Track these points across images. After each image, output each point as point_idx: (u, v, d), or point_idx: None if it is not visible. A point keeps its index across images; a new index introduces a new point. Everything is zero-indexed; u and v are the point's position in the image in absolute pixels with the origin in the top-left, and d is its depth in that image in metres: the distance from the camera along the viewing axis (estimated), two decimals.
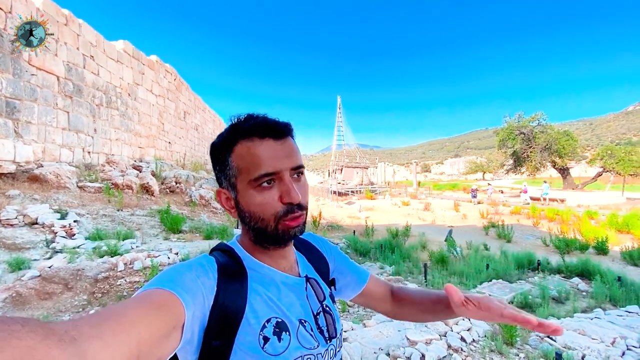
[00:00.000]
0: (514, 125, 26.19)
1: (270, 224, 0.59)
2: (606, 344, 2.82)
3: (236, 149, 0.59)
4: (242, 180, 0.59)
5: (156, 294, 0.46)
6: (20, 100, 6.65)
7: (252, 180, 0.57)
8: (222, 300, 0.55)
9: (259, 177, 0.57)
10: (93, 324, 0.36)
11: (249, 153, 0.58)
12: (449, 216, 14.84)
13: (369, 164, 35.82)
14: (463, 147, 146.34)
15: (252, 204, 0.59)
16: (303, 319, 0.63)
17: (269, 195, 0.58)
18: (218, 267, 0.59)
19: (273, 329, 0.57)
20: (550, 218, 12.95)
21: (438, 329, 3.15)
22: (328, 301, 0.70)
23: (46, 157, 7.36)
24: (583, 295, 4.63)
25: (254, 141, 0.58)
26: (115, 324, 0.37)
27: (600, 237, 7.72)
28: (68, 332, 0.33)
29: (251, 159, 0.57)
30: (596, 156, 23.68)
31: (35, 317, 3.39)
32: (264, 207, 0.58)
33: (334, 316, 0.69)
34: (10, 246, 4.73)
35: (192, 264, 0.57)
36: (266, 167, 0.57)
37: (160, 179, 9.85)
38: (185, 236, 6.34)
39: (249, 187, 0.58)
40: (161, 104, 13.51)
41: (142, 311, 0.42)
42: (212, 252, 0.66)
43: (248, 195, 0.59)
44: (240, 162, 0.58)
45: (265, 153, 0.57)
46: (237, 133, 0.59)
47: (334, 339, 0.67)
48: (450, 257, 6.50)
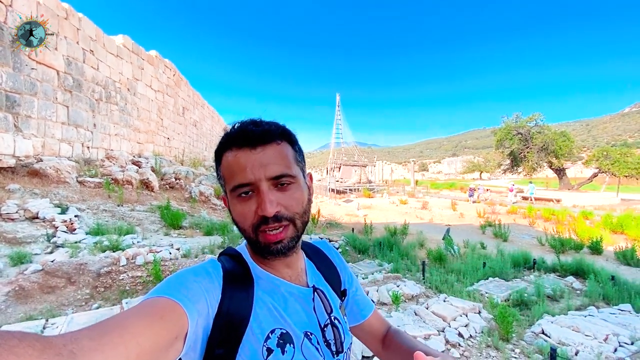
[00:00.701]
0: (511, 126, 26.33)
1: (250, 234, 0.58)
2: (599, 341, 2.91)
3: (223, 158, 0.59)
4: (228, 189, 0.59)
5: (159, 303, 0.46)
6: (20, 94, 6.63)
7: (232, 189, 0.58)
8: (227, 307, 0.54)
9: (234, 188, 0.57)
10: (93, 336, 0.35)
11: (228, 164, 0.58)
12: (447, 215, 14.94)
13: (367, 162, 35.89)
14: (461, 146, 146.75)
15: (234, 213, 0.59)
16: (309, 331, 0.61)
17: (246, 206, 0.57)
18: (224, 273, 0.58)
19: (277, 341, 0.56)
20: (546, 218, 13.09)
21: (437, 325, 3.22)
22: (337, 313, 0.68)
23: (46, 152, 7.34)
24: (577, 293, 4.72)
25: (233, 151, 0.58)
26: (117, 336, 0.37)
27: (594, 237, 7.84)
28: (66, 346, 0.32)
29: (230, 169, 0.58)
30: (592, 157, 23.88)
31: (38, 310, 3.43)
32: (243, 218, 0.58)
33: (343, 329, 0.67)
34: (11, 240, 4.75)
35: (198, 270, 0.56)
36: (239, 178, 0.56)
37: (159, 174, 9.86)
38: (185, 232, 6.37)
39: (232, 196, 0.59)
40: (160, 100, 13.48)
41: (144, 322, 0.41)
42: (220, 256, 0.65)
43: (232, 204, 0.59)
44: (225, 171, 0.59)
45: (241, 163, 0.56)
46: (223, 142, 0.59)
47: (341, 353, 0.64)
48: (447, 255, 6.58)
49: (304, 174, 0.64)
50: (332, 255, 0.78)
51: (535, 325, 3.36)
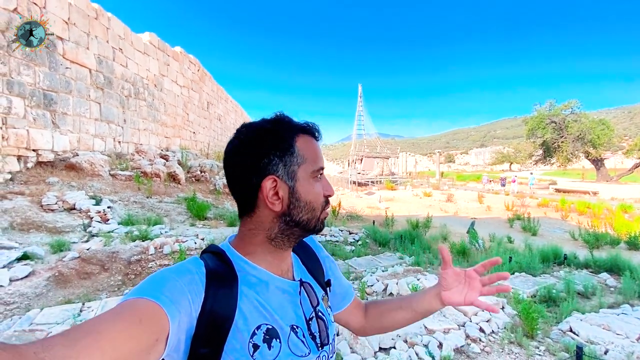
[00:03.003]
0: (544, 114, 25.02)
1: (317, 213, 0.63)
2: (631, 340, 2.75)
3: (299, 139, 0.62)
4: (305, 169, 0.61)
5: (139, 304, 0.45)
6: (57, 93, 7.04)
7: (314, 170, 0.62)
8: (210, 306, 0.53)
9: (319, 168, 0.63)
10: (67, 343, 0.34)
11: (310, 146, 0.63)
12: (473, 208, 14.51)
13: (389, 153, 35.35)
14: (489, 136, 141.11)
15: (311, 192, 0.62)
16: (295, 324, 0.62)
17: (319, 187, 0.63)
18: (207, 271, 0.57)
19: (263, 336, 0.56)
20: (580, 211, 12.42)
21: (457, 319, 3.17)
22: (321, 306, 0.69)
23: (81, 147, 7.79)
24: (611, 290, 4.47)
25: (307, 137, 0.63)
26: (92, 342, 0.36)
27: (633, 231, 7.36)
28: (37, 354, 0.31)
29: (313, 151, 0.63)
30: (634, 147, 22.35)
31: (75, 294, 3.68)
32: (318, 197, 0.62)
33: (327, 322, 0.68)
34: (51, 229, 5.10)
35: (179, 269, 0.55)
36: (321, 162, 0.63)
37: (186, 167, 10.21)
38: (210, 223, 6.59)
39: (310, 176, 0.62)
40: (185, 95, 13.86)
41: (122, 326, 0.40)
42: (203, 254, 0.64)
43: (309, 185, 0.61)
44: (306, 152, 0.62)
45: (318, 150, 0.64)
46: (298, 127, 0.64)
47: (326, 345, 0.66)
48: (471, 249, 6.41)
49: None
50: (316, 248, 0.80)
51: (562, 323, 3.22)
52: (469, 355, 2.70)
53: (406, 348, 2.67)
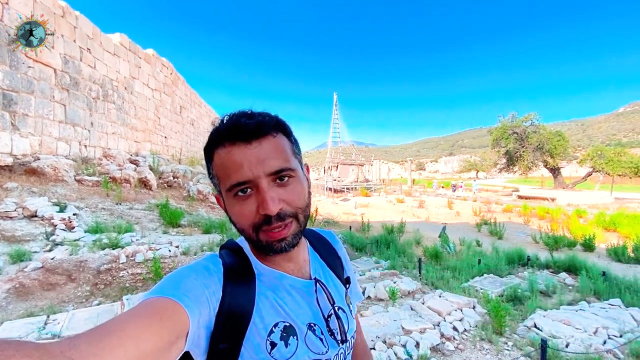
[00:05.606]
0: (507, 125, 26.56)
1: (250, 234, 0.56)
2: (589, 333, 3.00)
3: (214, 155, 0.56)
4: (223, 188, 0.56)
5: (159, 303, 0.45)
6: (17, 93, 6.62)
7: (226, 190, 0.55)
8: (229, 303, 0.53)
9: (231, 187, 0.54)
10: (91, 341, 0.35)
11: (222, 161, 0.55)
12: (443, 213, 15.06)
13: (364, 161, 35.98)
14: (457, 145, 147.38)
15: (232, 213, 0.56)
16: (312, 322, 0.61)
17: (245, 205, 0.54)
18: (224, 268, 0.57)
19: (280, 334, 0.56)
20: (540, 216, 13.26)
21: (432, 319, 3.30)
22: (341, 302, 0.67)
23: (43, 150, 7.33)
24: (569, 289, 4.83)
25: (226, 147, 0.54)
26: (115, 339, 0.37)
27: (587, 234, 7.98)
28: (64, 353, 0.32)
29: (224, 167, 0.54)
30: (586, 156, 24.19)
31: (39, 307, 3.46)
32: (241, 218, 0.55)
33: (347, 318, 0.67)
34: (9, 238, 4.76)
35: (197, 267, 0.55)
36: (236, 177, 0.53)
37: (157, 173, 9.87)
38: (184, 230, 6.41)
39: (228, 195, 0.55)
40: (157, 98, 13.45)
41: (143, 323, 0.41)
42: (221, 249, 0.63)
43: (229, 204, 0.56)
44: (218, 170, 0.55)
45: (236, 160, 0.53)
46: (214, 138, 0.56)
47: (345, 342, 0.64)
48: (443, 252, 6.67)
49: (302, 166, 0.61)
50: (337, 247, 0.78)
51: (527, 320, 3.44)
52: (444, 353, 2.82)
53: (385, 348, 2.74)
